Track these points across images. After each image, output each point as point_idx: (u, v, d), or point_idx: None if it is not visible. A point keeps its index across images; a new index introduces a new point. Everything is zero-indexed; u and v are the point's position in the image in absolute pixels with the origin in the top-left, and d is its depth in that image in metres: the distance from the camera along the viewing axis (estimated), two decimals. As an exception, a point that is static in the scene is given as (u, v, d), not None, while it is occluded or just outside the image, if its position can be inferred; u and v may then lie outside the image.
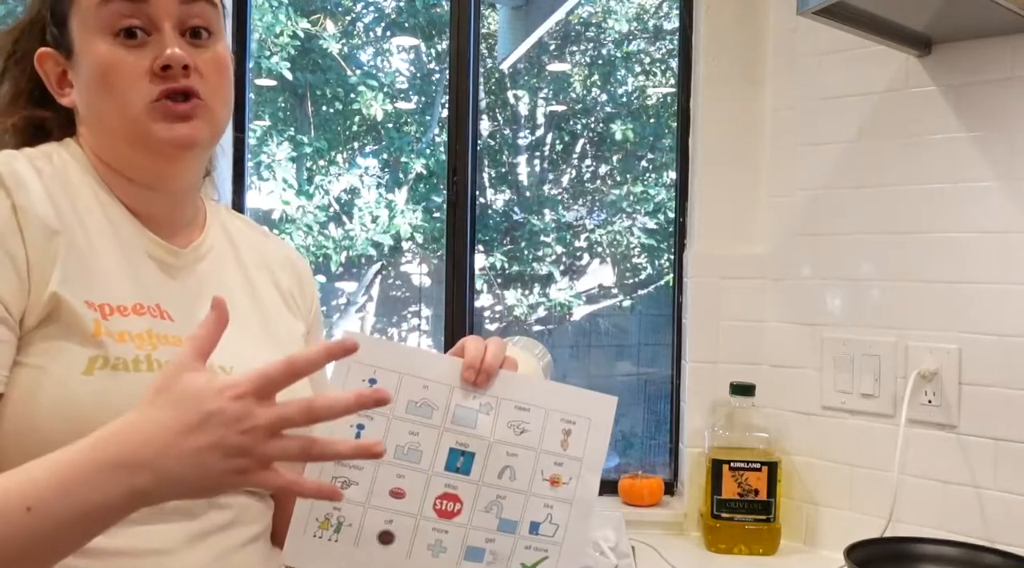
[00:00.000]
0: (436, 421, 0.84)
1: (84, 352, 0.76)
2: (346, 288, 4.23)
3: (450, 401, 0.84)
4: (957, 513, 1.48)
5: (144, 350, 0.79)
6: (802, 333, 1.69)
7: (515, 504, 0.85)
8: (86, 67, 0.83)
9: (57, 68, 0.86)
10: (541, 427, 0.86)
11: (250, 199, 2.10)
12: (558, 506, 0.86)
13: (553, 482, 0.86)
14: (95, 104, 0.84)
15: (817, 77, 1.66)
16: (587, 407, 0.87)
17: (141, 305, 0.81)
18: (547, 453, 0.86)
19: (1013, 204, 1.44)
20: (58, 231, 0.78)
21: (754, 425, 1.68)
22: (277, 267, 1.00)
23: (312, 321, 1.02)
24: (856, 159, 1.62)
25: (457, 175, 1.97)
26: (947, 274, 1.51)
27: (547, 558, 0.86)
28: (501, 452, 0.85)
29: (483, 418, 0.85)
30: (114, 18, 0.81)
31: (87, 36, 0.83)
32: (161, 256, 0.87)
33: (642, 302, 3.89)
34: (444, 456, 0.84)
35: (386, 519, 0.83)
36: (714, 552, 1.66)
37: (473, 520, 0.84)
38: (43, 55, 0.86)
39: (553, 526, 0.86)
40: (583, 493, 0.86)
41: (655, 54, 4.04)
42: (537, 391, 0.87)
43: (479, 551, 0.85)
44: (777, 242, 1.73)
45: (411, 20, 4.26)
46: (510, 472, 0.85)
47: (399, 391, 0.83)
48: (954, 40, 1.49)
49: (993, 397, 1.46)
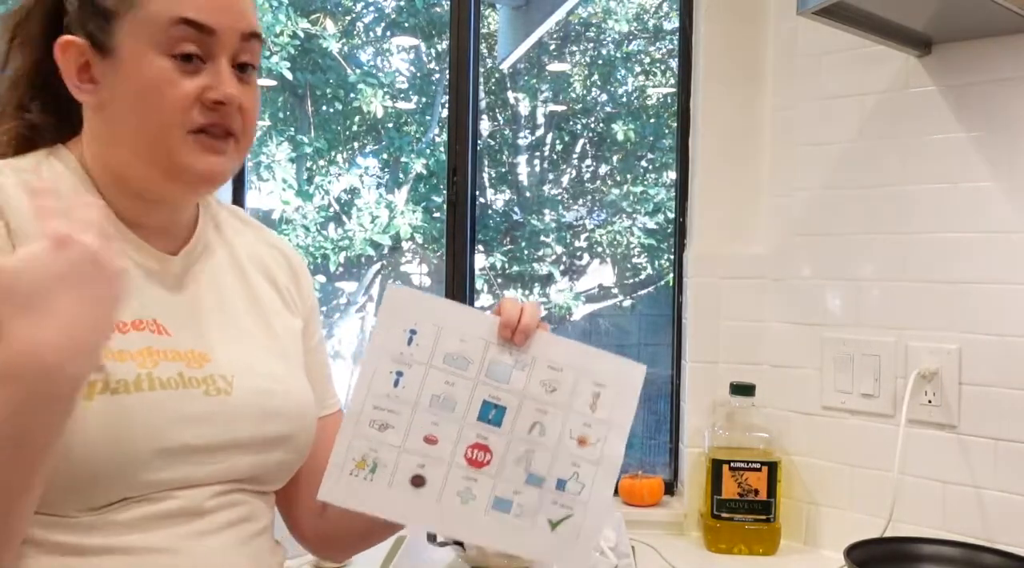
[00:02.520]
0: (471, 374, 0.88)
1: None
2: (346, 288, 4.23)
3: (485, 356, 0.89)
4: (957, 513, 1.48)
5: (145, 368, 0.78)
6: (802, 333, 1.69)
7: (543, 459, 0.89)
8: (132, 78, 0.80)
9: (80, 59, 0.82)
10: (572, 388, 0.90)
11: (250, 199, 2.10)
12: (585, 465, 0.89)
13: (581, 442, 0.89)
14: (126, 116, 0.81)
15: (817, 77, 1.66)
16: (617, 372, 0.91)
17: (140, 321, 0.81)
18: (576, 413, 0.90)
19: (1013, 204, 1.44)
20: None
21: (754, 425, 1.68)
22: (272, 263, 0.99)
23: (308, 315, 1.01)
24: (856, 159, 1.62)
25: (457, 175, 1.97)
26: (947, 274, 1.51)
27: (572, 516, 0.89)
28: (532, 408, 0.89)
29: (517, 374, 0.89)
30: (178, 41, 0.79)
31: (141, 47, 0.80)
32: (154, 266, 0.85)
33: (642, 302, 3.90)
34: (477, 407, 0.88)
35: (419, 463, 0.87)
36: (714, 552, 1.66)
37: (503, 471, 0.88)
38: (68, 43, 0.82)
39: (579, 485, 0.89)
40: (610, 455, 0.89)
41: (655, 54, 4.04)
42: (570, 352, 0.90)
43: (507, 502, 0.88)
44: (777, 242, 1.73)
45: (411, 20, 4.26)
46: (540, 428, 0.89)
47: (437, 343, 0.88)
48: (954, 40, 1.49)
49: (993, 397, 1.46)
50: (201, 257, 0.90)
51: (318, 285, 3.95)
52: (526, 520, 0.88)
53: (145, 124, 0.81)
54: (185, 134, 0.81)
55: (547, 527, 0.88)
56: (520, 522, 0.88)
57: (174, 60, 0.80)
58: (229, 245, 0.95)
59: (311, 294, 1.03)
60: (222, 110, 0.82)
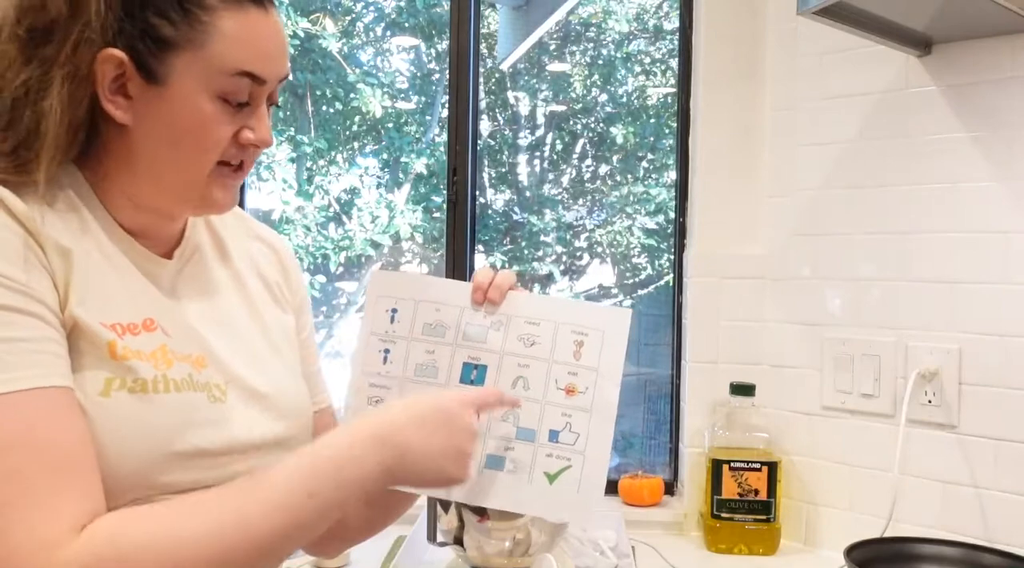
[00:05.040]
0: (449, 339, 0.91)
1: (101, 374, 0.75)
2: (346, 288, 4.23)
3: (460, 320, 0.91)
4: (957, 513, 1.48)
5: (160, 370, 0.79)
6: (802, 333, 1.69)
7: (531, 412, 0.90)
8: (178, 112, 0.79)
9: (117, 72, 0.78)
10: (552, 339, 0.91)
11: (250, 199, 2.10)
12: (576, 414, 0.89)
13: (568, 391, 0.90)
14: (159, 146, 0.80)
15: (817, 77, 1.66)
16: (599, 319, 0.91)
17: (150, 321, 0.81)
18: (559, 363, 0.90)
19: (1013, 204, 1.44)
20: (70, 249, 0.77)
21: (754, 425, 1.68)
22: (261, 258, 0.99)
23: (299, 308, 1.01)
24: (856, 159, 1.62)
25: (457, 175, 1.97)
26: (947, 274, 1.51)
27: (570, 467, 0.89)
28: (512, 363, 0.90)
29: (493, 334, 0.91)
30: (237, 91, 0.80)
31: (195, 85, 0.78)
32: (152, 269, 0.85)
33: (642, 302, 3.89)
34: (458, 370, 0.91)
35: None
36: (714, 552, 1.66)
37: (491, 429, 0.89)
38: (110, 56, 0.77)
39: (573, 434, 0.89)
40: (601, 401, 0.90)
41: (655, 54, 4.04)
42: (546, 306, 0.92)
43: (499, 459, 0.89)
44: (777, 242, 1.73)
45: (411, 20, 4.26)
46: (523, 382, 0.90)
47: (415, 316, 0.92)
48: (954, 40, 1.49)
49: (993, 397, 1.46)
50: (193, 259, 0.90)
51: (318, 285, 3.95)
52: (521, 475, 0.88)
53: (181, 160, 0.81)
54: (215, 165, 0.82)
55: (544, 481, 0.88)
56: (515, 478, 0.88)
57: (226, 105, 0.80)
58: (220, 242, 0.95)
59: (301, 286, 1.03)
60: (255, 152, 0.85)
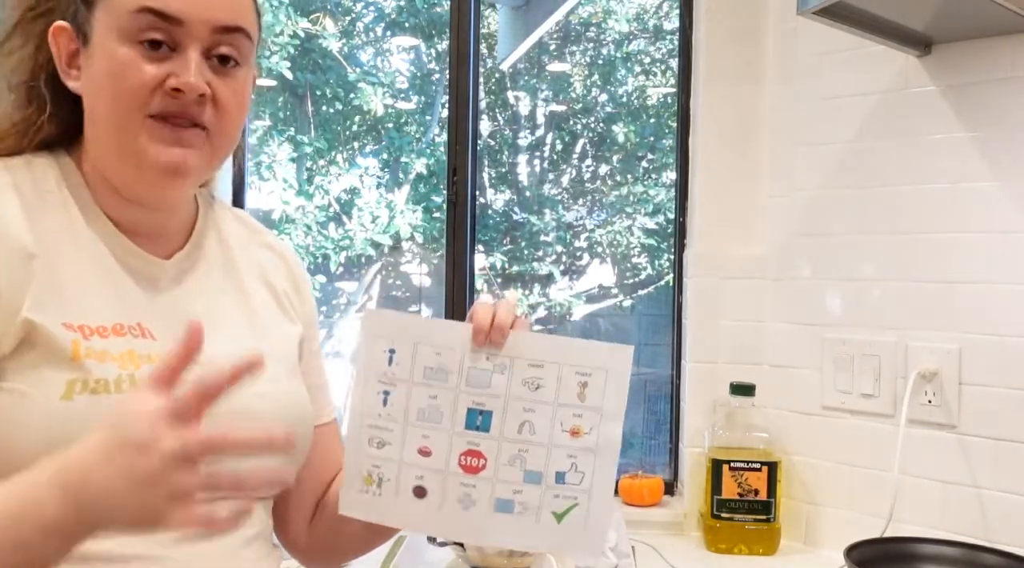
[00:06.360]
0: (452, 384, 0.89)
1: (62, 376, 0.74)
2: (346, 288, 4.23)
3: (463, 364, 0.89)
4: (957, 513, 1.48)
5: (127, 370, 0.77)
6: (802, 333, 1.69)
7: (538, 456, 0.90)
8: (99, 64, 0.80)
9: (71, 46, 0.82)
10: (556, 381, 0.90)
11: (250, 199, 2.10)
12: (582, 455, 0.90)
13: (573, 433, 0.90)
14: (96, 104, 0.81)
15: (817, 77, 1.66)
16: (602, 358, 0.91)
17: (121, 325, 0.80)
18: (564, 406, 0.90)
19: (1013, 204, 1.44)
20: (34, 254, 0.76)
21: (754, 425, 1.68)
22: (270, 267, 0.97)
23: (308, 320, 1.00)
24: (856, 159, 1.62)
25: (457, 175, 1.97)
26: (947, 274, 1.51)
27: (577, 505, 0.90)
28: (518, 408, 0.89)
29: (497, 378, 0.89)
30: (143, 29, 0.79)
31: (109, 34, 0.79)
32: (145, 270, 0.84)
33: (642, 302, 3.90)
34: (463, 416, 0.89)
35: (417, 475, 0.89)
36: (714, 552, 1.66)
37: (498, 473, 0.89)
38: (58, 30, 0.82)
39: (579, 474, 0.89)
40: (605, 441, 0.90)
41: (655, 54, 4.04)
42: (549, 347, 0.91)
43: (508, 503, 0.89)
44: (777, 242, 1.73)
45: (411, 20, 4.26)
46: (529, 426, 0.90)
47: (415, 359, 0.90)
48: (954, 40, 1.49)
49: (993, 397, 1.46)
50: (196, 262, 0.89)
51: (318, 285, 3.95)
52: (530, 517, 0.89)
53: (109, 110, 0.80)
54: (144, 118, 0.79)
55: (552, 520, 0.89)
56: (525, 520, 0.89)
57: (140, 47, 0.79)
58: (228, 250, 0.94)
59: (309, 297, 1.02)
60: (183, 98, 0.79)
